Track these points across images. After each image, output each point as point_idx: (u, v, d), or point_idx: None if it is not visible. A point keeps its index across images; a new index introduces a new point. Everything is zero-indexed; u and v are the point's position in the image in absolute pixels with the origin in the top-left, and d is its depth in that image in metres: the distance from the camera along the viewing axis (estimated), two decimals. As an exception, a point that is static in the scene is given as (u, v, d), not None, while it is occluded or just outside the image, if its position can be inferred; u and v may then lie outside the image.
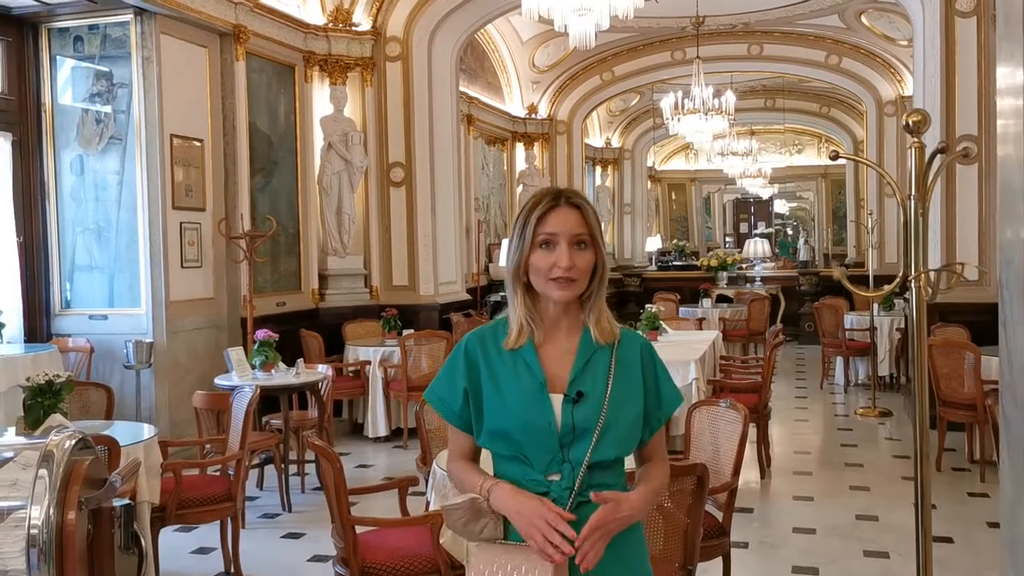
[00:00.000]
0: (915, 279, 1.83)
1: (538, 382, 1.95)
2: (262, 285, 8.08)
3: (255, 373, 6.05)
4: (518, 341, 1.99)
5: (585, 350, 1.99)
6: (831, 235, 22.07)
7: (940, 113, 7.75)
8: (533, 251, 1.97)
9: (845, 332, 9.96)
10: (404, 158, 9.11)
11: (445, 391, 2.04)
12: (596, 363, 1.98)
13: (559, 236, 1.94)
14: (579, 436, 1.91)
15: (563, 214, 1.96)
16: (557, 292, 1.94)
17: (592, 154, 17.71)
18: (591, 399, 1.93)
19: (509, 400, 1.95)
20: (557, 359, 1.99)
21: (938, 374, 6.51)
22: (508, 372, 1.98)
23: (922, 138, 1.85)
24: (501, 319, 2.07)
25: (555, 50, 13.66)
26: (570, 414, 1.92)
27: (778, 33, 13.48)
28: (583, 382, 1.95)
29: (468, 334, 2.09)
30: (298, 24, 8.55)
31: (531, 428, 1.93)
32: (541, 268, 1.95)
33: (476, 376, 2.00)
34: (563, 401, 1.94)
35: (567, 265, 1.92)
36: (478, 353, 2.02)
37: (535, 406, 1.93)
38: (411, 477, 3.83)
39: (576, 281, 1.94)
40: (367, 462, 7.21)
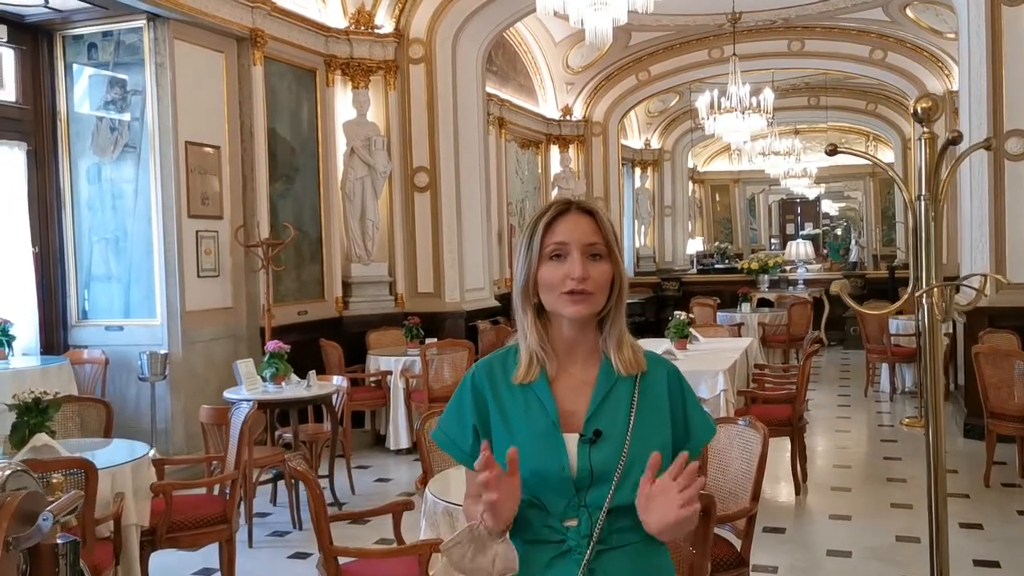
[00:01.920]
0: (925, 294, 1.54)
1: (550, 421, 1.72)
2: (284, 293, 7.94)
3: (265, 386, 5.89)
4: (529, 374, 1.75)
5: (604, 382, 1.75)
6: (880, 236, 21.43)
7: (987, 107, 7.34)
8: (542, 264, 1.73)
9: (890, 338, 9.53)
10: (428, 162, 8.91)
11: (454, 430, 1.82)
12: (617, 396, 1.74)
13: (570, 245, 1.70)
14: (598, 479, 1.68)
15: (573, 221, 1.72)
16: (571, 307, 1.70)
17: (631, 155, 17.38)
18: (610, 438, 1.70)
19: (519, 441, 1.71)
20: (572, 393, 1.75)
21: (986, 384, 6.13)
22: (518, 409, 1.75)
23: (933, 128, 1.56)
24: (511, 347, 1.83)
25: (589, 50, 13.38)
26: (587, 456, 1.69)
27: (819, 28, 13.04)
28: (601, 419, 1.71)
29: (475, 364, 1.86)
30: (318, 27, 8.40)
31: (543, 472, 1.70)
32: (551, 282, 1.71)
33: (485, 412, 1.77)
34: (579, 442, 1.70)
35: (580, 274, 1.68)
36: (486, 386, 1.79)
37: (547, 448, 1.70)
38: (406, 501, 3.60)
39: (592, 295, 1.70)
40: (387, 475, 7.01)
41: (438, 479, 3.48)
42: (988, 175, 7.36)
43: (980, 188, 7.45)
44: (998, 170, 7.35)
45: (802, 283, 15.41)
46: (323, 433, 6.23)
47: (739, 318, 11.11)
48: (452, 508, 3.15)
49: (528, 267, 1.74)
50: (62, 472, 3.14)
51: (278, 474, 5.90)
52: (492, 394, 1.77)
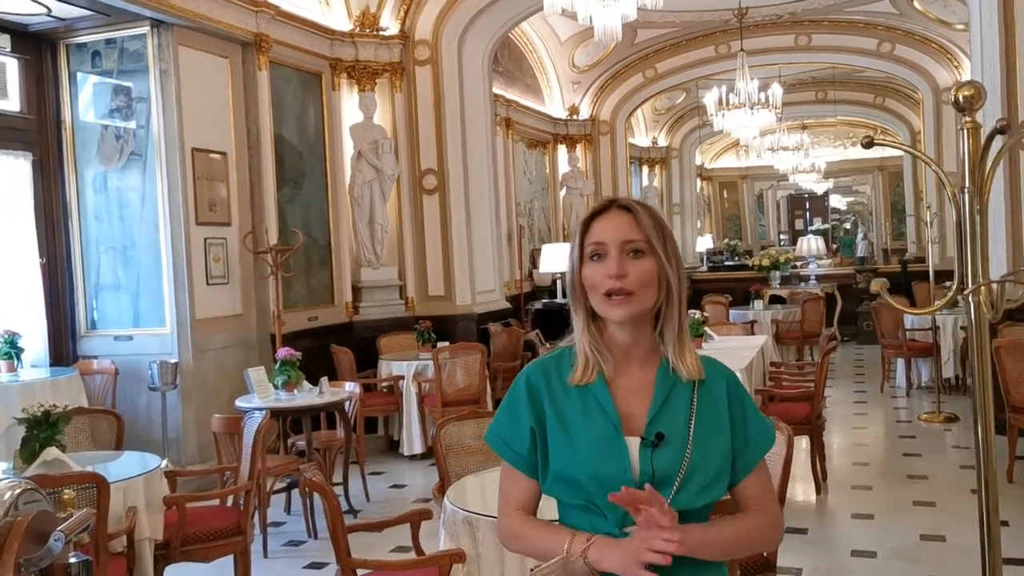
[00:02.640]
0: (972, 293, 1.46)
1: (611, 424, 1.68)
2: (294, 299, 7.88)
3: (277, 394, 5.82)
4: (586, 376, 1.71)
5: (663, 384, 1.71)
6: (890, 229, 21.29)
7: (1000, 96, 7.22)
8: (584, 265, 1.71)
9: (905, 332, 9.42)
10: (436, 165, 8.84)
11: (509, 432, 1.76)
12: (676, 400, 1.70)
13: (607, 244, 1.68)
14: (660, 484, 1.64)
15: (612, 219, 1.70)
16: (612, 309, 1.67)
17: (638, 154, 17.30)
18: (672, 442, 1.67)
19: (578, 444, 1.68)
20: (631, 396, 1.72)
21: (1007, 378, 6.02)
22: (576, 411, 1.71)
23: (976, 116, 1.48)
24: (565, 348, 1.79)
25: (595, 49, 13.30)
26: (649, 460, 1.65)
27: (826, 22, 12.94)
28: (662, 422, 1.68)
29: (529, 365, 1.81)
30: (323, 31, 8.34)
31: (604, 477, 1.65)
32: (593, 283, 1.69)
33: (541, 413, 1.73)
34: (640, 445, 1.67)
35: (616, 271, 1.65)
36: (542, 387, 1.74)
37: (608, 452, 1.67)
38: (424, 511, 3.53)
39: (634, 294, 1.66)
40: (402, 481, 6.94)
41: (456, 487, 3.41)
42: (1004, 167, 7.25)
43: (996, 181, 7.33)
44: (1013, 163, 7.24)
45: (814, 279, 15.29)
46: (336, 440, 6.17)
47: (752, 315, 11.01)
48: (472, 517, 3.08)
49: (572, 269, 1.73)
50: (73, 487, 3.08)
51: (292, 483, 5.83)
52: (548, 396, 1.73)
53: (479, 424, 4.14)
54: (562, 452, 1.69)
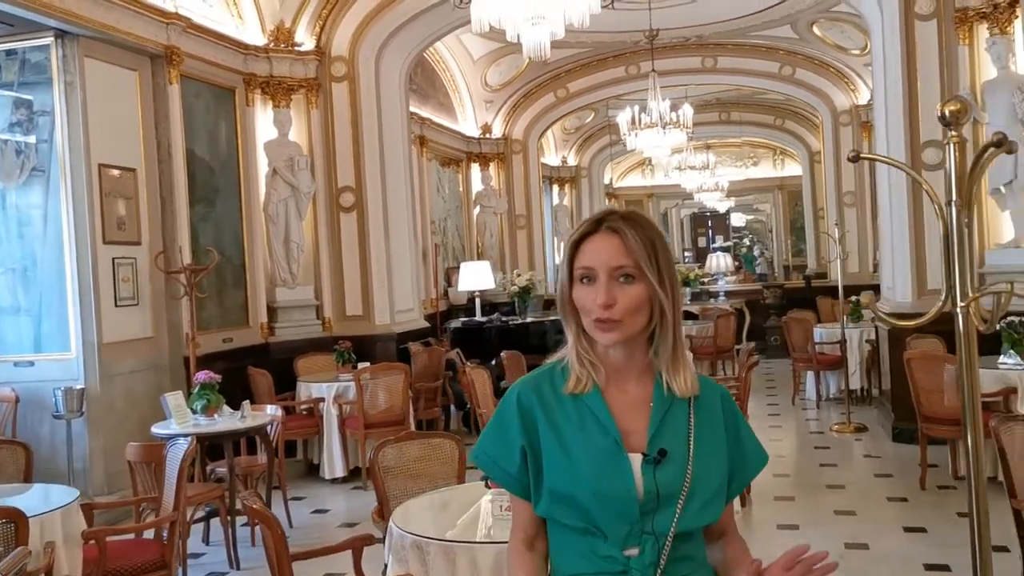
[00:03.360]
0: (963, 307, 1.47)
1: (612, 439, 1.62)
2: (207, 321, 7.61)
3: (196, 419, 5.59)
4: (582, 384, 1.66)
5: (661, 401, 1.67)
6: (790, 246, 22.00)
7: (903, 118, 7.55)
8: (574, 287, 1.66)
9: (815, 346, 9.70)
10: (354, 182, 8.70)
11: (497, 450, 1.71)
12: (674, 417, 1.66)
13: (596, 269, 1.63)
14: (663, 503, 1.60)
15: (599, 243, 1.64)
16: (600, 336, 1.63)
17: (549, 173, 17.43)
18: (674, 459, 1.62)
19: (577, 460, 1.62)
20: (628, 411, 1.66)
21: (918, 388, 6.25)
22: (572, 424, 1.65)
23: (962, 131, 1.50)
24: (556, 362, 1.74)
25: (507, 68, 13.38)
26: (652, 477, 1.60)
27: (731, 45, 13.32)
28: (664, 438, 1.63)
29: (519, 381, 1.76)
30: (236, 45, 8.12)
31: (606, 495, 1.59)
32: (583, 306, 1.66)
33: (534, 430, 1.67)
34: (643, 462, 1.61)
35: (604, 301, 1.60)
36: (534, 402, 1.68)
37: (611, 469, 1.61)
38: (366, 536, 3.41)
39: (620, 322, 1.61)
40: (324, 506, 6.75)
41: (401, 510, 3.30)
42: (907, 184, 7.56)
43: (900, 197, 7.65)
44: (915, 180, 7.54)
45: (723, 295, 15.65)
46: (258, 465, 5.97)
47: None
48: (421, 541, 2.98)
49: (562, 288, 1.69)
50: (-11, 524, 2.86)
51: (212, 511, 5.60)
52: (542, 411, 1.68)
53: (417, 446, 4.05)
54: (559, 469, 1.63)
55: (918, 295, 7.49)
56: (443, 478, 3.98)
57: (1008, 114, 7.00)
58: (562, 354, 1.73)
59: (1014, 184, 7.09)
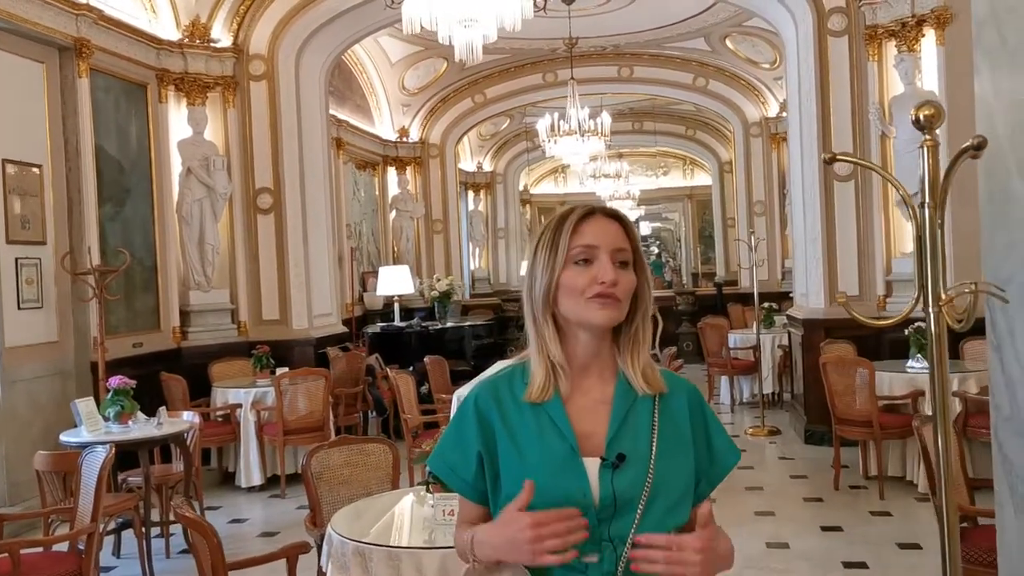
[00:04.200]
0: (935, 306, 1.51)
1: (568, 445, 1.58)
2: (115, 325, 7.31)
3: (108, 426, 5.35)
4: (543, 392, 1.61)
5: (622, 401, 1.62)
6: (699, 254, 22.50)
7: (817, 130, 7.80)
8: (566, 269, 1.60)
9: (730, 351, 9.92)
10: (272, 183, 8.50)
11: (455, 458, 1.66)
12: (636, 417, 1.61)
13: (599, 248, 1.59)
14: (622, 508, 1.55)
15: (602, 224, 1.62)
16: (599, 312, 1.57)
17: (464, 178, 17.40)
18: (634, 462, 1.57)
19: (533, 467, 1.57)
20: (588, 413, 1.62)
21: (832, 391, 6.44)
22: (530, 431, 1.60)
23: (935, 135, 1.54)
24: (517, 366, 1.68)
25: (425, 72, 13.32)
26: (610, 482, 1.55)
27: (647, 55, 13.56)
28: (623, 441, 1.59)
29: (477, 386, 1.70)
30: (149, 39, 7.85)
31: (561, 501, 1.54)
32: (576, 287, 1.59)
33: (491, 437, 1.62)
34: (600, 466, 1.57)
35: (612, 278, 1.56)
36: (492, 409, 1.63)
37: (566, 475, 1.56)
38: (301, 544, 3.31)
39: (620, 302, 1.59)
40: (241, 516, 6.56)
41: (340, 516, 3.22)
42: (820, 195, 7.80)
43: (813, 207, 7.88)
44: (828, 190, 7.81)
45: (635, 301, 15.82)
46: (173, 474, 5.74)
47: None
48: (363, 548, 2.92)
49: (551, 272, 1.61)
50: None
51: (125, 522, 5.37)
52: (500, 417, 1.63)
53: (348, 451, 3.97)
54: (516, 475, 1.59)
55: (831, 301, 7.73)
56: (376, 483, 3.91)
57: (914, 128, 7.28)
58: (524, 355, 1.68)
59: (919, 196, 7.37)
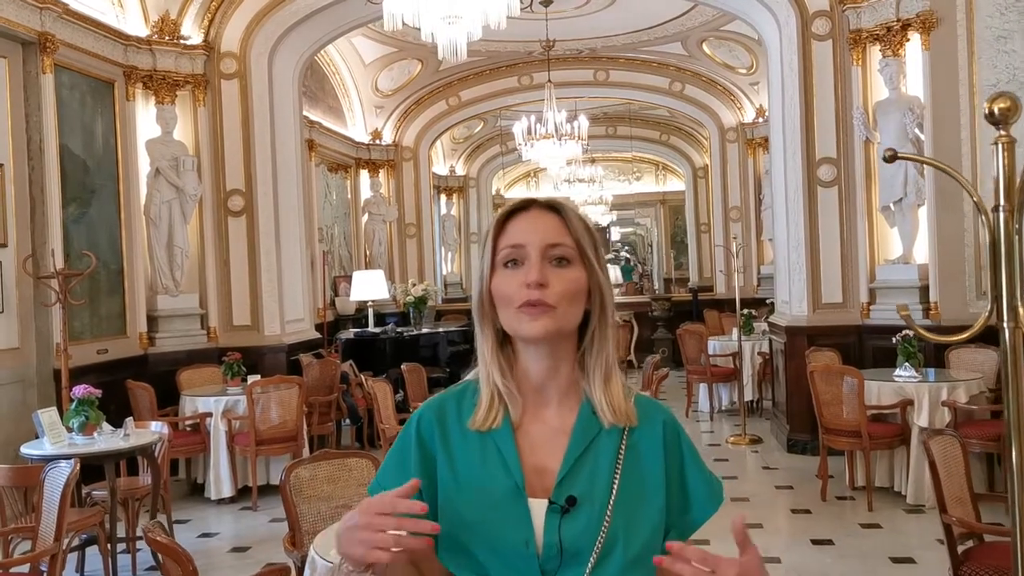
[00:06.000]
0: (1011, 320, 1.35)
1: (512, 482, 1.35)
2: (79, 331, 7.02)
3: (72, 438, 5.10)
4: (489, 419, 1.38)
5: (583, 432, 1.38)
6: (671, 259, 22.46)
7: (801, 135, 7.71)
8: (495, 274, 1.38)
9: (709, 358, 9.82)
10: (244, 185, 8.24)
11: (394, 484, 1.38)
12: (598, 451, 1.38)
13: (527, 247, 1.36)
14: (569, 561, 1.33)
15: (533, 219, 1.39)
16: (528, 324, 1.34)
17: (437, 182, 17.18)
18: (588, 506, 1.34)
19: (471, 504, 1.35)
20: (543, 446, 1.38)
21: (820, 401, 6.33)
22: (473, 465, 1.38)
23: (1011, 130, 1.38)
24: (470, 383, 1.45)
25: (399, 73, 13.11)
26: (556, 530, 1.32)
27: (623, 59, 13.46)
28: (576, 481, 1.36)
29: (424, 404, 1.47)
30: (116, 35, 7.57)
31: (500, 548, 1.32)
32: (505, 294, 1.36)
33: (431, 464, 1.39)
34: (548, 510, 1.34)
35: (536, 279, 1.33)
36: (435, 433, 1.41)
37: (507, 518, 1.34)
38: (282, 567, 3.11)
39: (554, 308, 1.34)
40: (210, 529, 6.31)
41: (324, 538, 3.02)
42: (803, 201, 7.71)
43: (796, 213, 7.78)
44: (812, 196, 7.72)
45: (611, 307, 15.72)
46: (141, 487, 5.49)
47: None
48: (350, 575, 2.72)
49: (481, 279, 1.40)
50: None
51: (89, 538, 5.11)
52: (442, 443, 1.40)
53: (330, 466, 3.77)
54: (453, 513, 1.36)
55: (814, 309, 7.63)
56: (359, 500, 3.69)
57: (899, 133, 7.22)
58: (474, 374, 1.46)
59: (903, 202, 7.32)
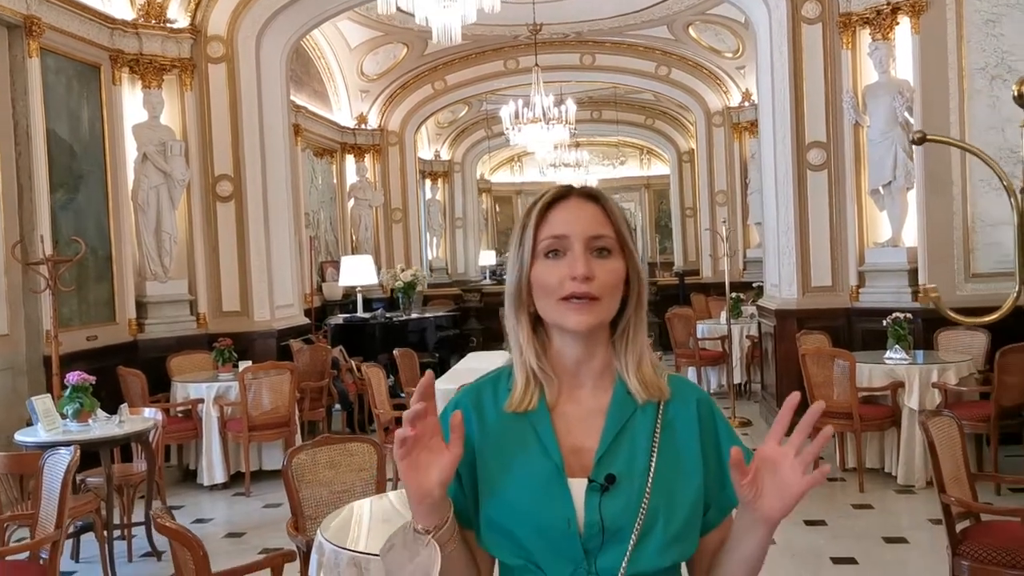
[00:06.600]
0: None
1: (552, 463, 1.36)
2: (68, 317, 6.97)
3: (67, 424, 5.07)
4: (525, 401, 1.40)
5: (618, 412, 1.40)
6: (656, 244, 22.52)
7: (791, 118, 7.73)
8: (535, 263, 1.39)
9: (698, 342, 9.86)
10: (232, 170, 8.18)
11: None
12: (635, 430, 1.39)
13: (570, 238, 1.37)
14: (611, 538, 1.34)
15: (574, 208, 1.40)
16: (573, 316, 1.36)
17: (422, 167, 17.13)
18: (627, 484, 1.35)
19: (514, 488, 1.36)
20: (579, 426, 1.40)
21: (812, 383, 6.38)
22: (513, 446, 1.39)
23: None
24: (504, 369, 1.47)
25: (385, 58, 13.04)
26: (597, 508, 1.34)
27: (609, 43, 13.44)
28: (615, 460, 1.37)
29: (461, 391, 1.48)
30: (103, 18, 7.48)
31: (544, 528, 1.34)
32: (547, 285, 1.37)
33: (470, 451, 1.39)
34: (588, 489, 1.35)
35: (583, 272, 1.35)
36: (472, 418, 1.42)
37: (548, 497, 1.35)
38: (287, 552, 3.11)
39: (599, 300, 1.36)
40: (204, 515, 6.30)
41: (331, 523, 3.03)
42: (793, 184, 7.74)
43: (786, 197, 7.82)
44: (801, 179, 7.75)
45: (597, 291, 15.75)
46: (134, 474, 5.48)
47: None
48: (359, 558, 2.73)
49: (520, 267, 1.40)
50: None
51: (85, 525, 5.09)
52: (480, 428, 1.42)
53: (331, 451, 3.77)
54: (495, 497, 1.38)
55: (803, 292, 7.68)
56: (361, 486, 3.72)
57: (888, 117, 7.26)
58: (509, 362, 1.47)
59: (892, 185, 7.36)
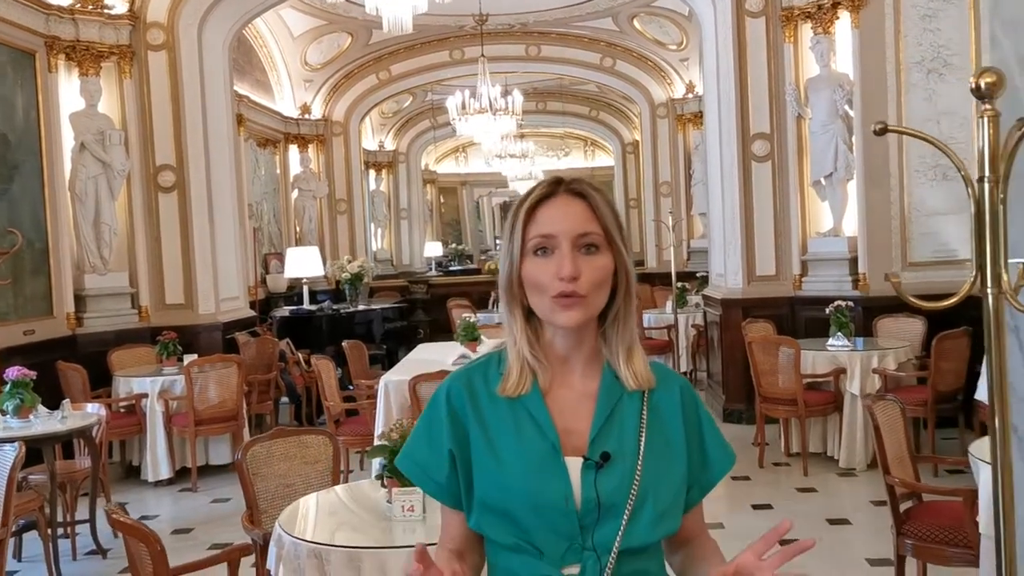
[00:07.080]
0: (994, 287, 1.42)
1: (548, 443, 1.42)
2: (4, 311, 6.78)
3: (7, 421, 4.94)
4: (519, 386, 1.45)
5: (608, 395, 1.47)
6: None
7: (736, 110, 7.83)
8: (525, 260, 1.44)
9: (644, 331, 9.97)
10: (175, 160, 8.01)
11: (425, 456, 1.49)
12: (623, 413, 1.46)
13: (557, 237, 1.42)
14: (606, 513, 1.41)
15: (561, 206, 1.44)
16: (561, 314, 1.42)
17: (366, 157, 16.99)
18: (620, 462, 1.42)
19: (509, 467, 1.42)
20: (571, 409, 1.46)
21: (758, 371, 6.50)
22: (507, 427, 1.44)
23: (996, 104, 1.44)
24: (494, 354, 1.52)
25: (328, 47, 12.89)
26: (593, 485, 1.41)
27: (555, 34, 13.47)
28: (608, 439, 1.44)
29: (450, 377, 1.52)
30: (38, 3, 7.25)
31: (541, 506, 1.40)
32: (537, 282, 1.43)
33: (463, 434, 1.46)
34: (583, 467, 1.41)
35: (570, 273, 1.39)
36: (465, 402, 1.47)
37: (546, 476, 1.41)
38: (244, 546, 3.08)
39: (586, 298, 1.41)
40: (150, 512, 6.19)
41: (289, 514, 2.99)
42: (738, 175, 7.85)
43: (731, 188, 7.93)
44: (746, 171, 7.87)
45: (544, 282, 15.82)
46: (78, 471, 5.35)
47: (498, 318, 11.14)
48: (320, 549, 2.71)
49: (511, 263, 1.45)
50: None
51: (28, 524, 4.96)
52: (473, 411, 1.47)
53: (286, 444, 3.73)
54: (490, 477, 1.43)
55: (748, 281, 7.81)
56: (317, 478, 3.69)
57: (829, 109, 7.41)
58: (501, 343, 1.53)
59: (833, 177, 7.51)
